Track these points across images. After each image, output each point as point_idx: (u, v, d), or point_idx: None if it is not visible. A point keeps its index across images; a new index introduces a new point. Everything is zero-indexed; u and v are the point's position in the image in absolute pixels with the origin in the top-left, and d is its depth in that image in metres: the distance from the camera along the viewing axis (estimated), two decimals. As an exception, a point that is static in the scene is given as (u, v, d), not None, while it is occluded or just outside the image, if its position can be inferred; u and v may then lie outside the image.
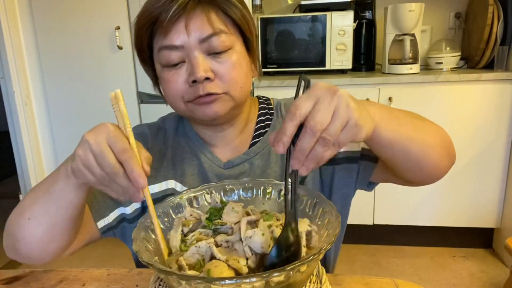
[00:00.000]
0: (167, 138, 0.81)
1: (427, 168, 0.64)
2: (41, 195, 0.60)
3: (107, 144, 0.49)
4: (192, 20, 0.64)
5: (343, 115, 0.45)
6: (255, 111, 0.81)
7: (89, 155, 0.49)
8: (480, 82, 1.95)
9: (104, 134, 0.49)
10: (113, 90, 0.51)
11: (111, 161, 0.48)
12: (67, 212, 0.60)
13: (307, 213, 0.61)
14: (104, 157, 0.48)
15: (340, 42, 2.12)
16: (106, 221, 0.73)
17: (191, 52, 0.65)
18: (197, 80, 0.64)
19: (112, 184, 0.50)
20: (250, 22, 0.71)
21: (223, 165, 0.76)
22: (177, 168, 0.77)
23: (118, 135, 0.49)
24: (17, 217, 0.62)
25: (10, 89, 2.29)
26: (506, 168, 2.03)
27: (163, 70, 0.68)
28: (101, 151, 0.48)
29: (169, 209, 0.62)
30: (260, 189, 0.66)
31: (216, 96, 0.66)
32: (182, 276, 0.44)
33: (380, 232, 2.27)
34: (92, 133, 0.50)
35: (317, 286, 0.56)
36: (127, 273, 0.69)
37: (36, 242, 0.62)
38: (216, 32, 0.65)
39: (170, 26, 0.64)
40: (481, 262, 2.12)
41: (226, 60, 0.67)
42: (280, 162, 0.76)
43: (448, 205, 2.13)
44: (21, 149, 2.37)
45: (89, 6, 2.20)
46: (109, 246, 2.43)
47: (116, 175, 0.48)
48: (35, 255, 0.64)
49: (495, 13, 2.04)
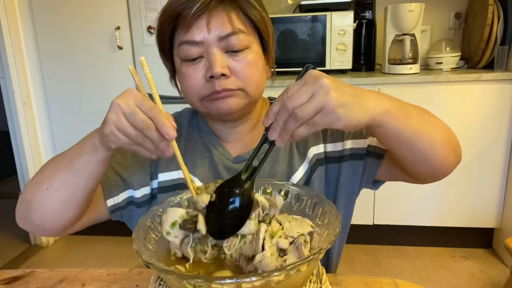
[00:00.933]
0: (181, 130, 0.82)
1: (433, 162, 0.65)
2: (62, 167, 0.63)
3: (135, 105, 0.53)
4: (214, 18, 0.67)
5: (319, 100, 0.50)
6: (266, 110, 0.83)
7: (121, 116, 0.53)
8: (480, 82, 1.95)
9: (131, 98, 0.54)
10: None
11: (143, 118, 0.52)
12: (87, 185, 0.63)
13: (307, 213, 0.61)
14: (135, 115, 0.52)
15: (340, 42, 2.12)
16: (115, 200, 0.75)
17: (210, 48, 0.68)
18: (214, 76, 0.67)
19: (145, 141, 0.53)
20: (268, 24, 0.74)
21: (233, 159, 0.78)
22: (188, 159, 0.79)
23: (143, 97, 0.55)
24: (34, 187, 0.64)
25: (10, 89, 2.29)
26: (506, 168, 2.03)
27: (182, 64, 0.71)
28: (132, 111, 0.53)
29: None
30: (260, 189, 0.66)
31: (231, 92, 0.69)
32: (182, 275, 0.44)
33: (380, 232, 2.27)
34: (120, 97, 0.54)
35: (317, 286, 0.56)
36: (127, 273, 0.69)
37: (51, 211, 0.64)
38: (235, 31, 0.68)
39: (192, 22, 0.67)
40: (481, 262, 2.12)
41: (243, 58, 0.69)
42: (288, 160, 0.78)
43: (448, 205, 2.13)
44: (21, 149, 2.37)
45: (89, 7, 2.20)
46: (109, 246, 2.43)
47: (149, 129, 0.52)
48: (48, 225, 0.66)
49: (495, 13, 2.04)
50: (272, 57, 0.78)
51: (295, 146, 0.80)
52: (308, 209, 0.61)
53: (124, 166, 0.76)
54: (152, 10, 2.13)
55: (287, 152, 0.79)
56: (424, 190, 2.11)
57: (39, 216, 0.65)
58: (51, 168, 0.64)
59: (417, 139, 0.61)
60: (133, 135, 0.53)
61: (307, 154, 0.78)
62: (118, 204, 0.75)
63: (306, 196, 0.62)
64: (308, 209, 0.62)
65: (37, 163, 2.41)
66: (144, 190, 0.77)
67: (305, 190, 0.64)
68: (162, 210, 0.61)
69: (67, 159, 0.63)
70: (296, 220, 0.57)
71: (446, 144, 0.65)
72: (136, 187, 0.76)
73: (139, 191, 0.76)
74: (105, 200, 0.74)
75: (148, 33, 2.17)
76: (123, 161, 0.76)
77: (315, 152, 0.78)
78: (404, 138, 0.60)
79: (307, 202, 0.62)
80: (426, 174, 0.69)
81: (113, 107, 0.54)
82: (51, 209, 0.64)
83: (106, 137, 0.55)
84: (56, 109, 2.42)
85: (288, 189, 0.65)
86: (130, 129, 0.53)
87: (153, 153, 0.55)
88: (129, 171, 0.76)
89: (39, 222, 0.65)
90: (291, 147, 0.79)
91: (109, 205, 0.74)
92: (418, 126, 0.61)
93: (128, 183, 0.76)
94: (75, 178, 0.62)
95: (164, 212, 0.58)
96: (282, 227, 0.55)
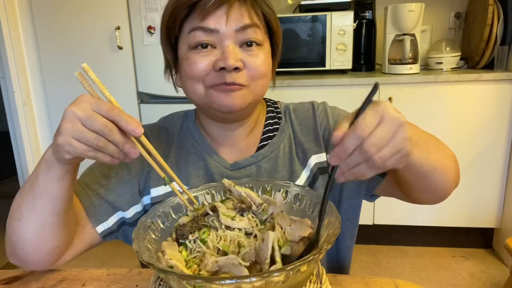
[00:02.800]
0: (170, 139, 0.80)
1: (440, 191, 0.65)
2: (26, 194, 0.60)
3: (92, 109, 0.49)
4: (233, 10, 0.66)
5: (398, 146, 0.45)
6: (264, 113, 0.82)
7: (77, 123, 0.49)
8: (480, 82, 1.95)
9: (85, 102, 0.50)
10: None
11: (103, 121, 0.49)
12: (54, 208, 0.59)
13: (307, 213, 0.61)
14: (94, 119, 0.49)
15: (340, 42, 2.12)
16: (105, 225, 0.73)
17: (226, 39, 0.66)
18: (226, 68, 0.65)
19: (107, 145, 0.50)
20: (280, 31, 0.74)
21: (230, 167, 0.76)
22: (181, 169, 0.76)
23: (99, 100, 0.50)
24: (10, 220, 0.62)
25: (10, 89, 2.29)
26: (506, 168, 2.03)
27: (189, 51, 0.68)
28: (89, 115, 0.49)
29: (169, 209, 0.62)
30: (260, 189, 0.66)
31: (240, 86, 0.67)
32: (182, 276, 0.44)
33: (380, 232, 2.27)
34: (73, 104, 0.50)
35: (317, 286, 0.56)
36: (127, 273, 0.69)
37: (28, 242, 0.62)
38: (253, 24, 0.67)
39: (210, 11, 0.65)
40: (481, 262, 2.12)
41: (257, 53, 0.68)
42: (288, 167, 0.77)
43: (448, 205, 2.12)
44: (21, 149, 2.37)
45: (89, 6, 2.20)
46: (109, 246, 2.43)
47: (111, 131, 0.49)
48: (31, 258, 0.64)
49: (495, 13, 2.04)
50: (276, 65, 0.77)
51: (295, 153, 0.78)
52: (308, 209, 0.61)
53: (109, 189, 0.73)
54: (152, 10, 2.13)
55: (287, 160, 0.77)
56: (424, 190, 2.11)
57: (20, 249, 0.62)
58: (18, 197, 0.62)
59: (435, 172, 0.60)
60: (93, 141, 0.49)
61: (308, 162, 0.77)
62: (109, 228, 0.73)
63: (306, 196, 0.62)
64: (308, 209, 0.61)
65: (37, 163, 2.41)
66: (135, 209, 0.74)
67: (305, 190, 0.64)
68: (162, 210, 0.61)
69: (29, 184, 0.60)
70: (296, 222, 0.56)
71: (455, 175, 0.66)
72: (125, 208, 0.74)
73: (129, 211, 0.74)
74: (94, 228, 0.72)
75: (148, 33, 2.17)
76: (106, 183, 0.73)
77: (317, 161, 0.77)
78: (422, 171, 0.59)
79: (307, 202, 0.62)
80: (427, 199, 0.69)
81: (67, 115, 0.50)
82: (27, 240, 0.61)
83: (60, 147, 0.51)
84: (56, 109, 2.41)
85: (288, 189, 0.65)
86: (89, 135, 0.49)
87: (115, 158, 0.51)
88: (115, 192, 0.73)
89: (23, 256, 0.63)
90: (290, 154, 0.78)
91: (99, 231, 0.72)
92: (437, 160, 0.60)
93: (116, 206, 0.73)
94: (39, 202, 0.58)
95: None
96: (284, 231, 0.55)
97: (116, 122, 0.49)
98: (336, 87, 2.04)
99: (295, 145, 0.79)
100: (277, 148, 0.78)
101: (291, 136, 0.79)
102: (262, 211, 0.60)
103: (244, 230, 0.56)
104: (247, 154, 0.77)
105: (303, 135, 0.79)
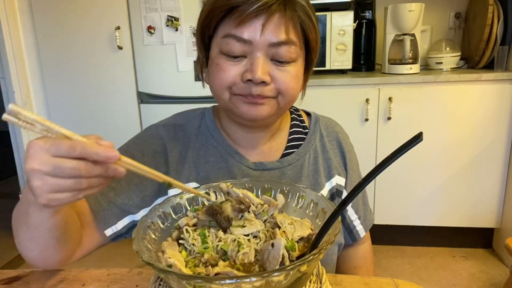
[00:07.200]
0: (187, 138, 0.78)
1: None
2: (20, 225, 0.60)
3: (52, 157, 0.43)
4: (271, 22, 0.63)
5: None
6: (287, 120, 0.82)
7: (46, 179, 0.43)
8: (480, 82, 1.95)
9: (41, 152, 0.43)
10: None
11: (71, 164, 0.43)
12: (52, 235, 0.59)
13: (307, 213, 0.61)
14: (61, 167, 0.43)
15: (340, 42, 2.12)
16: (114, 229, 0.73)
17: (257, 51, 0.64)
18: (253, 80, 0.64)
19: (90, 182, 0.45)
20: (318, 45, 0.71)
21: (254, 166, 0.76)
22: (199, 170, 0.75)
23: (52, 141, 0.43)
24: (14, 236, 0.62)
25: (10, 89, 2.29)
26: (506, 168, 2.03)
27: (220, 56, 0.66)
28: (53, 165, 0.43)
29: (169, 209, 0.62)
30: (260, 189, 0.66)
31: (266, 99, 0.66)
32: (182, 275, 0.44)
33: (380, 232, 2.27)
34: (30, 160, 0.43)
35: (317, 286, 0.56)
36: (127, 273, 0.69)
37: (34, 261, 0.64)
38: (288, 42, 0.64)
39: (247, 19, 0.62)
40: (481, 262, 2.12)
41: (287, 70, 0.66)
42: (311, 177, 0.78)
43: (448, 205, 2.13)
44: (21, 149, 2.37)
45: (89, 6, 2.20)
46: (109, 246, 2.41)
47: (87, 170, 0.43)
48: (42, 266, 0.67)
49: (495, 13, 2.04)
50: (308, 77, 0.75)
51: (320, 165, 0.79)
52: (308, 209, 0.61)
53: (118, 192, 0.73)
54: (152, 10, 2.12)
55: (311, 169, 0.78)
56: (424, 190, 2.12)
57: (30, 261, 0.64)
58: (14, 224, 0.61)
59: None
60: (74, 186, 0.44)
61: (332, 179, 0.79)
62: (118, 231, 0.73)
63: (306, 196, 0.62)
64: (308, 209, 0.61)
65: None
66: (145, 211, 0.74)
67: (305, 190, 0.64)
68: (162, 210, 0.61)
69: (22, 217, 0.58)
70: (296, 222, 0.56)
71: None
72: (135, 211, 0.74)
73: (139, 214, 0.74)
74: (103, 231, 0.72)
75: (148, 33, 2.17)
76: (116, 186, 0.73)
77: (338, 182, 0.79)
78: None
79: (307, 202, 0.62)
80: None
81: (31, 175, 0.43)
82: (32, 258, 0.63)
83: (46, 206, 0.46)
84: (56, 109, 2.41)
85: (288, 189, 0.65)
86: (67, 183, 0.44)
87: (105, 184, 0.47)
88: (125, 195, 0.73)
89: (35, 266, 0.66)
90: (315, 165, 0.79)
91: (108, 235, 0.73)
92: None
93: (126, 210, 0.73)
94: (36, 232, 0.57)
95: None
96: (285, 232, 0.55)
97: (84, 158, 0.43)
98: (336, 87, 2.04)
99: (321, 157, 0.80)
100: (302, 158, 0.78)
101: (317, 148, 0.81)
102: (263, 212, 0.60)
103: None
104: (269, 158, 0.78)
105: (332, 152, 0.81)
